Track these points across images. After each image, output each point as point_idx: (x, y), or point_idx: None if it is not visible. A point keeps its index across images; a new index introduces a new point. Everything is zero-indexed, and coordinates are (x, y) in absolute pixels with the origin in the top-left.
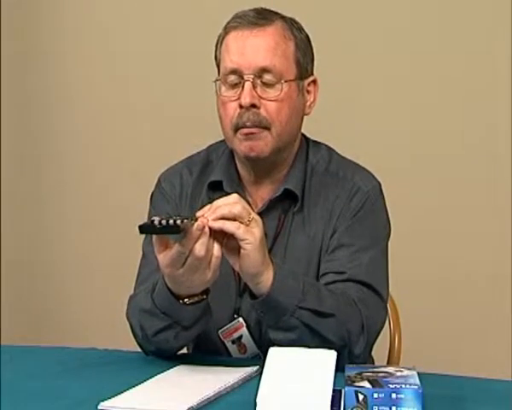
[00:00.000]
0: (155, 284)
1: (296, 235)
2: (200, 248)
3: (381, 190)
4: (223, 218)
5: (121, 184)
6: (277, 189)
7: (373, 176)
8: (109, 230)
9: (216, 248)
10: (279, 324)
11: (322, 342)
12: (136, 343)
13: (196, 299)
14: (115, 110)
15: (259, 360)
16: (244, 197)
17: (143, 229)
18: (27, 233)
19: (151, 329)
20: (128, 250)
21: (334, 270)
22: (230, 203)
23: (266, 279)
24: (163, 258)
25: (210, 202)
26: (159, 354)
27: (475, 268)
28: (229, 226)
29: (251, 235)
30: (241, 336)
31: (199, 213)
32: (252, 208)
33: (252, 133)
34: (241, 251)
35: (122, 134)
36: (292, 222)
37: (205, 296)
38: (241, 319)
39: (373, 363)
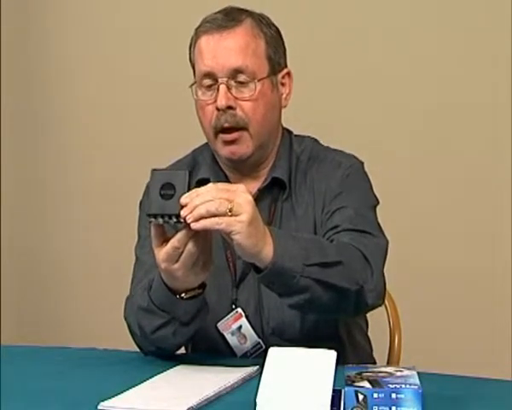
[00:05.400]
0: (151, 282)
1: (287, 222)
2: (193, 245)
3: (363, 168)
4: (202, 217)
5: (124, 183)
6: (265, 180)
7: (355, 157)
8: (110, 230)
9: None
10: (291, 288)
11: (337, 293)
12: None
13: (193, 293)
14: (117, 108)
15: (260, 349)
16: None
17: (155, 170)
18: (29, 233)
19: (149, 326)
20: (129, 250)
21: (328, 228)
22: (207, 200)
23: (267, 251)
24: (159, 252)
25: None
26: (158, 354)
27: (476, 268)
28: (211, 224)
29: (235, 225)
30: (240, 327)
31: (182, 212)
32: (233, 190)
33: (232, 140)
34: (233, 240)
35: (124, 134)
36: (282, 210)
37: (201, 290)
38: (239, 310)
39: (373, 363)
